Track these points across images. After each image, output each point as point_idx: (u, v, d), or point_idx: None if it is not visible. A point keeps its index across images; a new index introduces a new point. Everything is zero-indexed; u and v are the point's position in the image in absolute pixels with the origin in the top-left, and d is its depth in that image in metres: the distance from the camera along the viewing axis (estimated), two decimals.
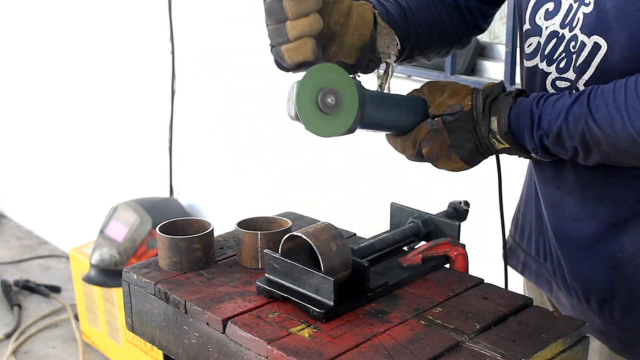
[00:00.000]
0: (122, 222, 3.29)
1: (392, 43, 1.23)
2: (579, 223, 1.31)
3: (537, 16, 1.28)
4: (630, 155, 1.15)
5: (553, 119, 1.16)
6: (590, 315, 1.35)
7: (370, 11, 1.20)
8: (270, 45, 1.17)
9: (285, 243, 1.17)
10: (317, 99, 1.13)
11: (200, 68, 3.31)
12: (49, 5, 4.10)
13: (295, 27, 1.12)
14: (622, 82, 1.12)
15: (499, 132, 1.20)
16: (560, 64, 1.24)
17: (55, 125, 4.34)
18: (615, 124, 1.11)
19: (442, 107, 1.22)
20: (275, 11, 1.13)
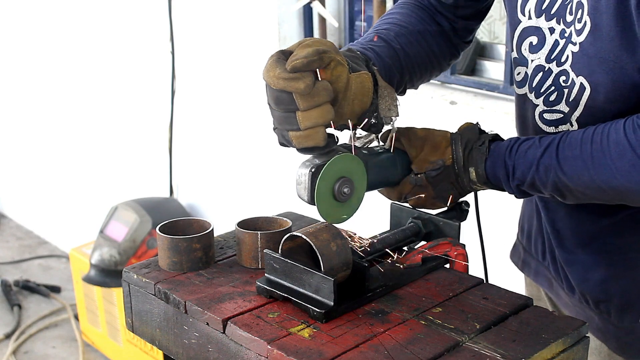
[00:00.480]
0: (122, 222, 3.28)
1: (393, 104, 1.22)
2: (575, 222, 1.32)
3: (522, 47, 1.28)
4: (604, 200, 1.17)
5: (526, 170, 1.18)
6: (589, 313, 1.35)
7: (369, 80, 1.17)
8: (275, 127, 1.14)
9: (285, 243, 1.17)
10: (334, 189, 1.14)
11: (200, 68, 3.31)
12: (49, 5, 4.10)
13: (308, 118, 1.09)
14: (589, 133, 1.13)
15: (477, 182, 1.24)
16: (550, 97, 1.24)
17: (55, 125, 4.34)
18: (582, 177, 1.13)
19: (424, 164, 1.24)
20: (285, 101, 1.09)
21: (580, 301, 1.36)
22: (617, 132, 1.10)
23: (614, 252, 1.30)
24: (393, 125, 1.23)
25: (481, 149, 1.22)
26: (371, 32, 1.33)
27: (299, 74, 1.06)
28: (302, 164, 1.16)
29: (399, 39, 1.32)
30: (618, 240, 1.29)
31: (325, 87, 1.09)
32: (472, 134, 1.25)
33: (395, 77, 1.29)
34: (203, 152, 3.45)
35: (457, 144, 1.24)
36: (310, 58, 1.06)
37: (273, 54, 1.10)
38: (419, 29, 1.36)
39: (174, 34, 3.35)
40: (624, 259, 1.29)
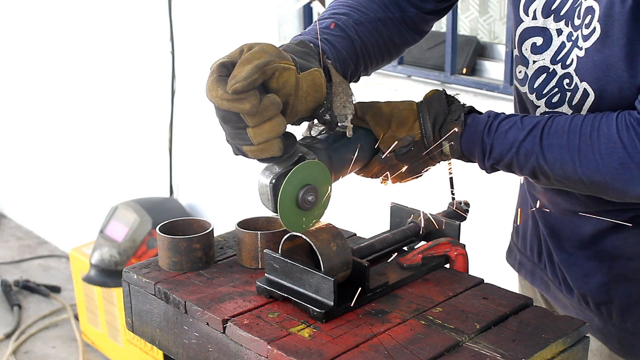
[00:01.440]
0: (122, 222, 3.28)
1: (347, 101, 1.15)
2: (575, 225, 1.31)
3: (523, 46, 1.25)
4: (578, 190, 1.16)
5: (505, 151, 1.14)
6: (589, 315, 1.35)
7: (319, 76, 1.11)
8: (227, 141, 1.10)
9: (285, 243, 1.17)
10: (298, 197, 1.10)
11: (200, 68, 3.31)
12: (49, 5, 4.10)
13: (259, 134, 1.04)
14: (577, 123, 1.10)
15: (451, 155, 1.20)
16: (553, 98, 1.22)
17: (55, 126, 4.34)
18: (566, 167, 1.10)
19: (392, 141, 1.18)
20: (233, 120, 1.04)
21: (579, 302, 1.36)
22: (609, 127, 1.07)
23: (616, 255, 1.29)
24: (347, 124, 1.15)
25: (457, 123, 1.17)
26: (328, 17, 1.27)
27: (243, 95, 1.01)
28: (262, 173, 1.12)
29: (358, 27, 1.25)
30: (619, 243, 1.28)
31: (272, 101, 1.04)
32: (440, 103, 1.19)
33: (349, 68, 1.24)
34: (203, 152, 3.45)
35: (425, 117, 1.18)
36: (250, 78, 1.01)
37: (213, 69, 1.05)
38: (380, 17, 1.29)
39: (174, 34, 3.35)
40: (625, 261, 1.28)
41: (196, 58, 3.32)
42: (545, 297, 1.48)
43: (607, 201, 1.22)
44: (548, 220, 1.37)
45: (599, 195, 1.14)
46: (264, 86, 1.05)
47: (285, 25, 2.92)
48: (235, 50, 1.07)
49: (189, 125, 3.47)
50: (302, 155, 1.11)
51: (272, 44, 1.07)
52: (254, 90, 1.02)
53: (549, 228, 1.37)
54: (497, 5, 2.76)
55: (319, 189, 1.12)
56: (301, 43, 1.16)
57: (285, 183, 1.07)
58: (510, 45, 2.34)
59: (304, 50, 1.15)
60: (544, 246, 1.41)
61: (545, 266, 1.42)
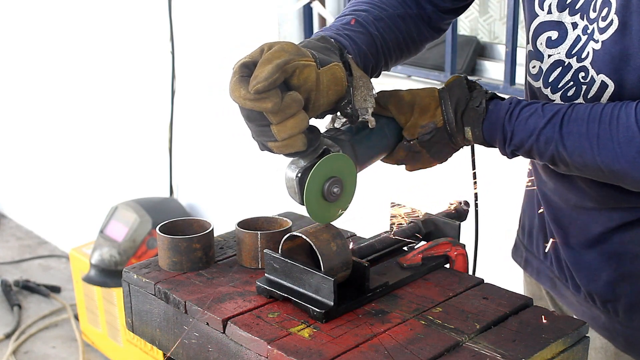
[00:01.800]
0: (122, 222, 3.28)
1: (368, 94, 1.18)
2: (583, 222, 1.31)
3: (538, 41, 1.26)
4: (597, 178, 1.17)
5: (525, 137, 1.16)
6: (595, 312, 1.35)
7: (340, 70, 1.13)
8: (253, 138, 1.11)
9: (285, 243, 1.17)
10: (324, 189, 1.12)
11: (200, 68, 3.31)
12: (49, 5, 4.10)
13: (283, 130, 1.07)
14: (597, 111, 1.11)
15: (474, 141, 1.22)
16: (568, 92, 1.22)
17: (55, 126, 4.34)
18: (585, 155, 1.11)
19: (415, 129, 1.21)
20: (257, 118, 1.07)
21: (586, 300, 1.36)
22: (628, 116, 1.08)
23: (623, 253, 1.28)
24: (368, 119, 1.18)
25: (478, 110, 1.19)
26: (349, 14, 1.29)
27: (265, 94, 1.03)
28: (289, 167, 1.14)
29: (377, 23, 1.28)
30: (627, 241, 1.28)
31: (294, 98, 1.06)
32: (461, 89, 1.21)
33: (370, 63, 1.26)
34: (203, 152, 3.45)
35: (447, 103, 1.20)
36: (271, 78, 1.03)
37: (235, 70, 1.06)
38: (399, 13, 1.31)
39: (174, 34, 3.35)
40: (633, 259, 1.28)
41: (196, 58, 3.32)
42: (551, 294, 1.48)
43: (618, 198, 1.22)
44: (556, 218, 1.37)
45: (617, 184, 1.15)
46: (285, 83, 1.07)
47: (285, 25, 2.92)
48: (256, 49, 1.09)
49: (189, 125, 3.47)
50: (327, 148, 1.14)
51: (291, 42, 1.10)
52: (275, 89, 1.04)
53: (557, 225, 1.37)
54: (497, 5, 2.76)
55: (344, 180, 1.14)
56: (322, 39, 1.19)
57: (310, 176, 1.10)
58: (511, 45, 2.35)
59: (324, 45, 1.17)
60: (550, 243, 1.41)
61: (551, 263, 1.42)
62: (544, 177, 1.37)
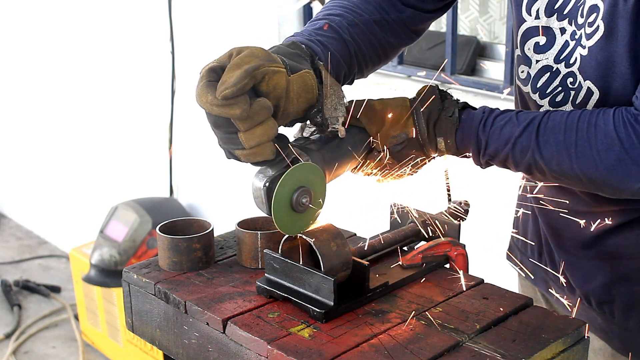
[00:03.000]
0: (122, 222, 3.28)
1: (339, 103, 1.14)
2: (577, 225, 1.31)
3: (526, 46, 1.25)
4: (574, 187, 1.16)
5: (500, 147, 1.14)
6: (591, 314, 1.35)
7: (310, 77, 1.11)
8: (220, 145, 1.09)
9: (285, 243, 1.17)
10: (292, 199, 1.09)
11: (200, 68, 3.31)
12: (49, 5, 4.10)
13: (251, 138, 1.04)
14: (574, 119, 1.09)
15: (446, 152, 1.19)
16: (557, 97, 1.21)
17: (55, 126, 4.34)
18: (562, 163, 1.10)
19: (386, 139, 1.18)
20: (224, 125, 1.04)
21: (581, 302, 1.36)
22: (606, 123, 1.07)
23: (618, 254, 1.28)
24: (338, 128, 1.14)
25: (451, 120, 1.17)
26: (322, 18, 1.25)
27: (232, 100, 1.01)
28: (256, 176, 1.11)
29: (352, 29, 1.23)
30: (622, 243, 1.28)
31: (263, 105, 1.03)
32: (434, 99, 1.18)
33: (343, 70, 1.22)
34: (203, 152, 3.45)
35: (419, 113, 1.18)
36: (239, 84, 1.00)
37: (202, 74, 1.04)
38: (375, 18, 1.27)
39: (174, 34, 3.35)
40: (628, 261, 1.28)
41: (196, 58, 3.32)
42: (547, 296, 1.48)
43: (611, 201, 1.22)
44: (550, 220, 1.36)
45: (595, 192, 1.14)
46: (254, 90, 1.04)
47: (285, 25, 2.92)
48: (224, 54, 1.06)
49: (189, 125, 3.47)
50: (296, 157, 1.11)
51: (261, 47, 1.07)
52: (243, 95, 1.02)
53: (550, 228, 1.37)
54: (497, 5, 2.76)
55: (313, 190, 1.11)
56: (293, 44, 1.15)
57: (278, 186, 1.07)
58: (511, 45, 2.34)
59: (295, 52, 1.14)
60: (544, 245, 1.41)
61: (546, 265, 1.42)
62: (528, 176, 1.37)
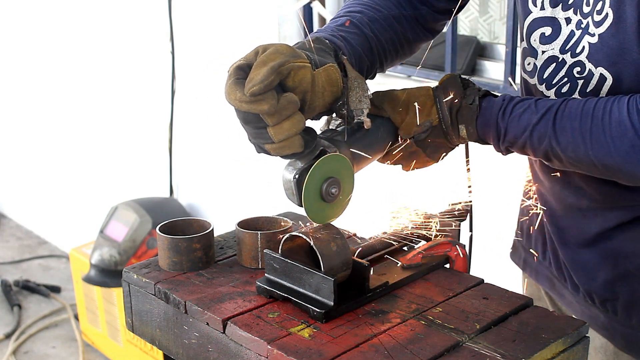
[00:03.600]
0: (122, 222, 3.28)
1: (364, 95, 1.17)
2: (580, 222, 1.31)
3: (532, 37, 1.26)
4: (591, 173, 1.17)
5: (519, 133, 1.17)
6: (594, 312, 1.35)
7: (335, 71, 1.14)
8: (250, 140, 1.12)
9: (285, 243, 1.17)
10: (322, 190, 1.12)
11: (200, 68, 3.31)
12: (49, 5, 4.10)
13: (280, 132, 1.07)
14: (590, 106, 1.11)
15: (468, 139, 1.22)
16: (562, 88, 1.23)
17: (55, 126, 4.34)
18: (578, 150, 1.12)
19: (411, 128, 1.21)
20: (253, 120, 1.07)
21: (585, 300, 1.36)
22: (620, 111, 1.08)
23: (622, 252, 1.29)
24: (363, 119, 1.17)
25: (472, 107, 1.20)
26: (344, 15, 1.29)
27: (260, 96, 1.03)
28: (286, 169, 1.14)
29: (372, 24, 1.27)
30: (626, 241, 1.28)
31: (290, 99, 1.06)
32: (456, 87, 1.22)
33: (365, 64, 1.26)
34: (203, 152, 3.45)
35: (442, 102, 1.21)
36: (266, 80, 1.03)
37: (230, 73, 1.06)
38: (394, 14, 1.31)
39: (174, 34, 3.35)
40: (631, 259, 1.28)
41: (196, 58, 3.32)
42: (550, 294, 1.48)
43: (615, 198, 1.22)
44: (553, 218, 1.37)
45: (611, 179, 1.15)
46: (280, 85, 1.07)
47: (285, 25, 2.92)
48: (251, 52, 1.09)
49: (189, 125, 3.47)
50: (324, 149, 1.14)
51: (286, 44, 1.10)
52: (271, 91, 1.05)
53: (554, 225, 1.37)
54: (497, 5, 2.76)
55: (341, 180, 1.14)
56: (317, 40, 1.19)
57: (308, 177, 1.10)
58: (511, 45, 2.35)
59: (319, 47, 1.17)
60: (548, 244, 1.41)
61: (550, 263, 1.42)
62: (540, 177, 1.37)
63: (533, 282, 1.52)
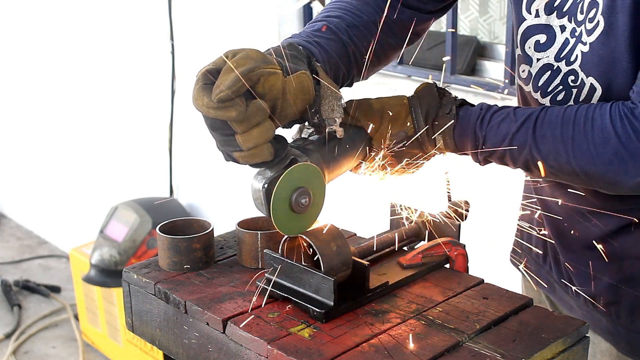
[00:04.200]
0: (122, 222, 3.28)
1: (336, 104, 1.13)
2: (582, 226, 1.31)
3: (526, 45, 1.24)
4: (572, 182, 1.16)
5: (497, 143, 1.13)
6: (597, 316, 1.34)
7: (307, 79, 1.10)
8: (218, 148, 1.09)
9: (285, 243, 1.17)
10: (291, 200, 1.09)
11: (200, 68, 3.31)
12: (49, 5, 4.09)
13: (248, 139, 1.04)
14: (571, 113, 1.09)
15: (445, 148, 1.19)
16: (558, 96, 1.21)
17: (55, 125, 4.34)
18: (559, 158, 1.09)
19: (385, 138, 1.18)
20: (221, 127, 1.04)
21: (586, 304, 1.35)
22: (603, 117, 1.06)
23: (624, 255, 1.28)
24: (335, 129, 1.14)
25: (449, 117, 1.16)
26: (321, 20, 1.25)
27: (228, 102, 1.01)
28: (255, 178, 1.11)
29: (350, 30, 1.23)
30: (628, 244, 1.27)
31: (259, 106, 1.03)
32: (431, 97, 1.18)
33: (341, 71, 1.22)
34: (203, 152, 3.44)
35: (417, 111, 1.18)
36: (234, 86, 1.00)
37: (198, 77, 1.04)
38: (374, 19, 1.26)
39: (174, 34, 3.35)
40: (634, 262, 1.27)
41: (196, 58, 3.32)
42: (551, 298, 1.47)
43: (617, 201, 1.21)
44: (554, 222, 1.36)
45: (593, 188, 1.14)
46: (250, 92, 1.04)
47: (285, 25, 2.92)
48: (219, 57, 1.06)
49: (189, 125, 3.47)
50: (294, 157, 1.11)
51: (256, 49, 1.07)
52: (239, 97, 1.02)
53: (555, 229, 1.36)
54: (497, 5, 2.76)
55: (312, 191, 1.11)
56: (290, 46, 1.15)
57: (277, 187, 1.07)
58: (511, 45, 2.34)
59: (292, 53, 1.14)
60: (549, 247, 1.40)
61: (550, 268, 1.41)
62: (541, 181, 1.36)
63: (533, 286, 1.51)
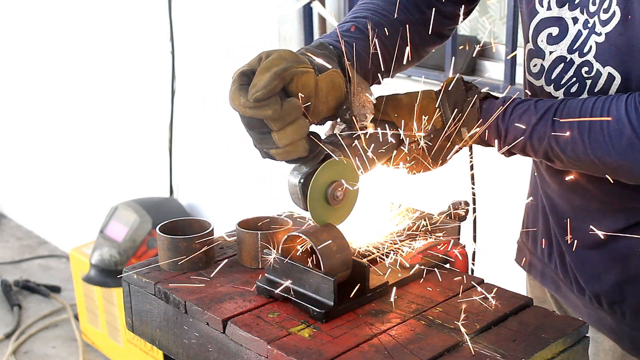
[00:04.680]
0: (122, 222, 3.28)
1: (367, 101, 1.19)
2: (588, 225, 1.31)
3: (539, 38, 1.26)
4: (594, 173, 1.17)
5: (518, 134, 1.17)
6: (601, 314, 1.34)
7: (338, 76, 1.15)
8: (255, 146, 1.13)
9: (285, 243, 1.17)
10: (327, 193, 1.14)
11: (200, 68, 3.31)
12: (49, 5, 4.09)
13: (284, 137, 1.08)
14: (588, 105, 1.12)
15: (471, 141, 1.23)
16: (571, 88, 1.23)
17: (55, 125, 4.34)
18: (577, 149, 1.12)
19: (414, 131, 1.21)
20: (257, 126, 1.08)
21: (591, 302, 1.35)
22: (619, 109, 1.08)
23: (630, 254, 1.28)
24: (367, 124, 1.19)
25: (473, 110, 1.21)
26: (349, 20, 1.30)
27: (264, 102, 1.05)
28: (291, 173, 1.16)
29: (378, 29, 1.28)
30: (634, 243, 1.27)
31: (293, 105, 1.07)
32: (458, 91, 1.23)
33: (370, 70, 1.27)
34: (203, 152, 3.45)
35: (445, 105, 1.22)
36: (269, 86, 1.04)
37: (234, 79, 1.08)
38: (400, 19, 1.32)
39: (174, 34, 3.35)
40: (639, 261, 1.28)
41: (196, 58, 3.32)
42: (556, 297, 1.47)
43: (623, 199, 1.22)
44: (560, 220, 1.36)
45: (614, 177, 1.15)
46: (284, 90, 1.08)
47: (285, 25, 2.92)
48: (254, 58, 1.10)
49: (189, 125, 3.47)
50: (328, 153, 1.15)
51: (289, 50, 1.11)
52: (274, 96, 1.06)
53: (561, 227, 1.36)
54: (497, 5, 2.76)
55: (346, 184, 1.15)
56: (320, 45, 1.20)
57: (313, 181, 1.12)
58: (511, 45, 2.34)
59: (323, 52, 1.18)
60: (554, 245, 1.41)
61: (556, 266, 1.42)
62: (547, 179, 1.36)
63: (538, 284, 1.51)
